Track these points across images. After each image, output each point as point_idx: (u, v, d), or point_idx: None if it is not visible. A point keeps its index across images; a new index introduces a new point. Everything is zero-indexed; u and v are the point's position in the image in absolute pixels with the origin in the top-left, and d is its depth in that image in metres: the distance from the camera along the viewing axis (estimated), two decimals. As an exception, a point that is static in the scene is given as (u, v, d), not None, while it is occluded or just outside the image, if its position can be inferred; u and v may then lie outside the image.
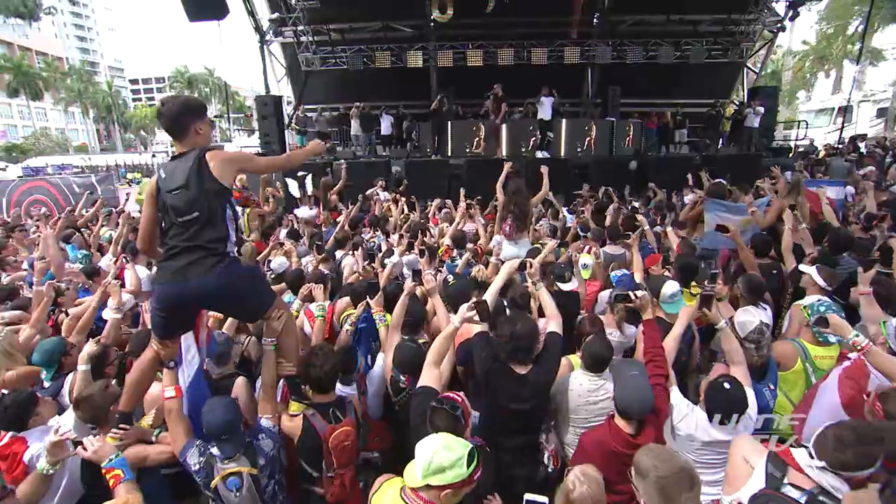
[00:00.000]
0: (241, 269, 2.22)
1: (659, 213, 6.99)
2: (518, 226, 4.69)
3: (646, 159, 11.45)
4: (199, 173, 2.03)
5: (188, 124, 2.12)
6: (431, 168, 10.57)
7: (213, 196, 2.06)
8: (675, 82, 15.48)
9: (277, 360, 2.35)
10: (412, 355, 2.45)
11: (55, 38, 66.27)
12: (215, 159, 2.08)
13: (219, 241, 2.07)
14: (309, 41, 14.26)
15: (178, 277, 2.02)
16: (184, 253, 2.03)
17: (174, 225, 2.08)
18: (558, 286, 3.78)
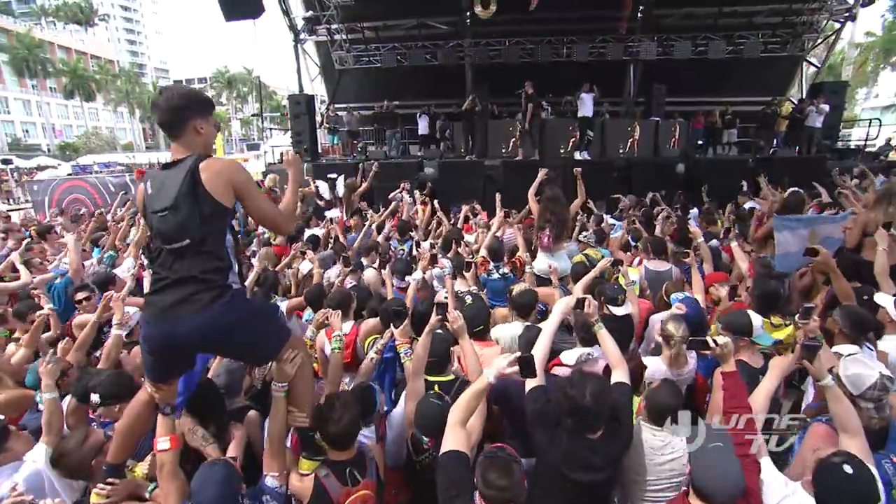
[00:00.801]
0: (245, 304, 1.87)
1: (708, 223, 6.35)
2: (557, 236, 4.25)
3: (694, 162, 10.69)
4: (192, 191, 1.68)
5: (188, 120, 1.80)
6: (465, 169, 10.18)
7: (209, 218, 1.72)
8: (724, 79, 14.50)
9: (288, 408, 2.01)
10: (436, 416, 2.04)
11: (108, 42, 69.47)
12: (210, 171, 1.72)
13: (216, 271, 1.74)
14: (342, 39, 14.12)
15: (166, 317, 1.69)
16: (174, 287, 1.70)
17: (162, 251, 1.75)
18: (610, 310, 3.33)
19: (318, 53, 15.78)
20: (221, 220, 1.78)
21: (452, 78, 14.22)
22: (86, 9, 59.28)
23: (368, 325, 3.21)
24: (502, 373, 1.84)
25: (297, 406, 2.02)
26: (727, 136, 13.28)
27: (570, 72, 13.74)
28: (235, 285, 1.83)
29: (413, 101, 14.25)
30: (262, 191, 6.78)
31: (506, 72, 13.71)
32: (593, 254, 4.65)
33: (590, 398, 1.81)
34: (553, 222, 4.23)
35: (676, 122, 11.90)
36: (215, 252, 1.75)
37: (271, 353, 1.97)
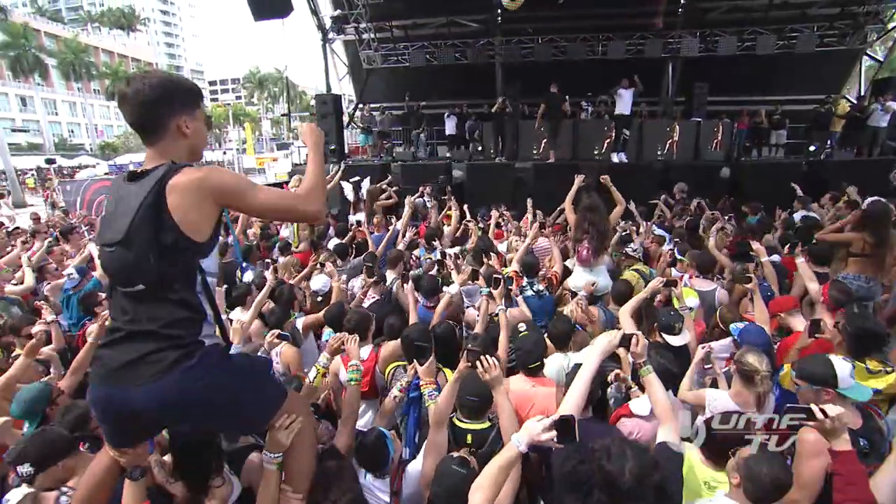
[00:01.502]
0: (220, 365, 1.44)
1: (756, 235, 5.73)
2: (596, 249, 3.82)
3: (739, 165, 9.97)
4: (153, 218, 1.28)
5: (168, 117, 1.40)
6: (495, 172, 9.78)
7: (174, 256, 1.32)
8: (772, 76, 13.61)
9: (281, 485, 1.64)
10: (456, 488, 1.66)
11: (147, 45, 72.04)
12: (179, 190, 1.30)
13: (183, 324, 1.36)
14: (371, 38, 13.92)
15: (116, 380, 1.33)
16: (128, 341, 1.34)
17: (114, 291, 1.40)
18: (664, 339, 2.90)
19: (346, 53, 15.67)
20: (191, 257, 1.38)
21: (482, 77, 13.84)
22: (128, 14, 61.72)
23: (388, 350, 2.89)
24: (536, 440, 1.48)
25: (292, 483, 1.65)
26: (775, 138, 12.42)
27: (605, 70, 13.14)
28: (210, 341, 1.44)
29: (442, 101, 13.94)
30: None
31: (537, 71, 13.23)
32: (643, 269, 4.19)
33: (630, 477, 1.40)
34: (592, 234, 3.81)
35: (720, 123, 11.17)
36: (182, 299, 1.37)
37: (260, 422, 1.60)
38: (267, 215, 1.58)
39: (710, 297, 3.84)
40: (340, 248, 5.06)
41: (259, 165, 35.00)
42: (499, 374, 1.95)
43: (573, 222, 4.19)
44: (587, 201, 4.07)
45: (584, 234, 3.89)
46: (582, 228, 3.94)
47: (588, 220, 3.92)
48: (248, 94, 68.15)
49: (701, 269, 3.96)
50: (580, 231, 3.94)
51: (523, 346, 2.47)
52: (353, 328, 2.83)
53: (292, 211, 1.52)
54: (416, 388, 2.30)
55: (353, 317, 2.86)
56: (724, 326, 3.09)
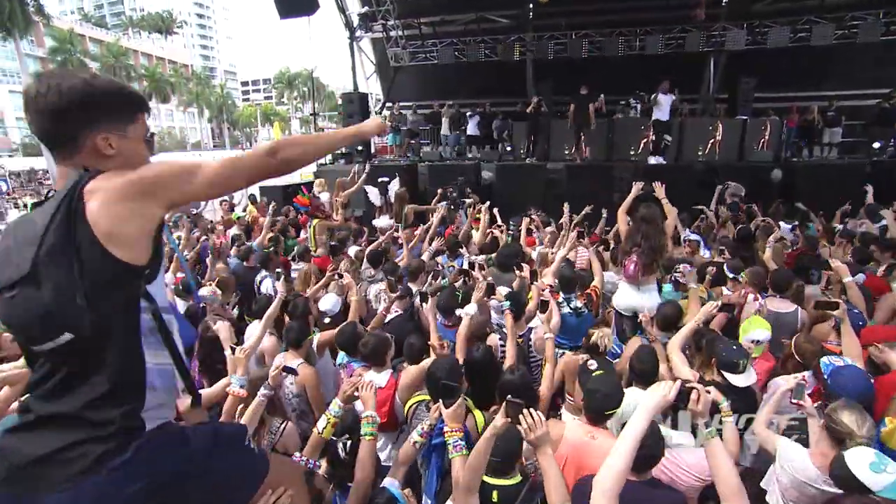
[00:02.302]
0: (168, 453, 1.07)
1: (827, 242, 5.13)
2: (647, 265, 3.38)
3: (790, 166, 9.21)
4: (65, 238, 0.94)
5: (77, 130, 1.05)
6: (525, 173, 9.36)
7: (101, 288, 0.97)
8: (826, 69, 12.65)
9: None
10: None
11: (183, 48, 74.26)
12: (99, 198, 0.97)
13: (113, 398, 0.99)
14: (398, 36, 13.67)
15: (23, 483, 0.96)
16: (39, 428, 0.99)
17: (25, 353, 1.08)
18: (725, 377, 2.44)
19: (373, 51, 15.48)
20: (130, 289, 1.03)
21: (512, 74, 13.40)
22: (166, 19, 63.76)
23: (409, 377, 2.55)
24: None
25: None
26: (828, 136, 11.49)
27: (642, 66, 12.53)
28: (156, 417, 1.08)
29: (470, 100, 13.55)
30: (305, 196, 6.35)
31: (570, 67, 12.70)
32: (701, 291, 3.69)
33: None
34: (644, 248, 3.37)
35: (767, 121, 10.41)
36: (117, 358, 1.00)
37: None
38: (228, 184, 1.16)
39: (791, 321, 3.33)
40: (374, 256, 4.73)
41: (288, 164, 35.58)
42: (545, 433, 1.59)
43: (624, 233, 3.77)
44: (644, 212, 3.64)
45: (634, 246, 3.46)
46: (633, 241, 3.51)
47: (642, 232, 3.49)
48: (278, 94, 69.41)
49: (776, 287, 3.46)
50: (631, 243, 3.51)
51: (602, 389, 2.05)
52: (369, 354, 2.51)
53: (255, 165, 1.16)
54: (440, 433, 1.95)
55: (370, 341, 2.54)
56: (802, 359, 2.63)
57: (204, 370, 3.14)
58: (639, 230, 3.46)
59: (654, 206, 3.66)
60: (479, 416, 2.18)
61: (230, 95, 66.71)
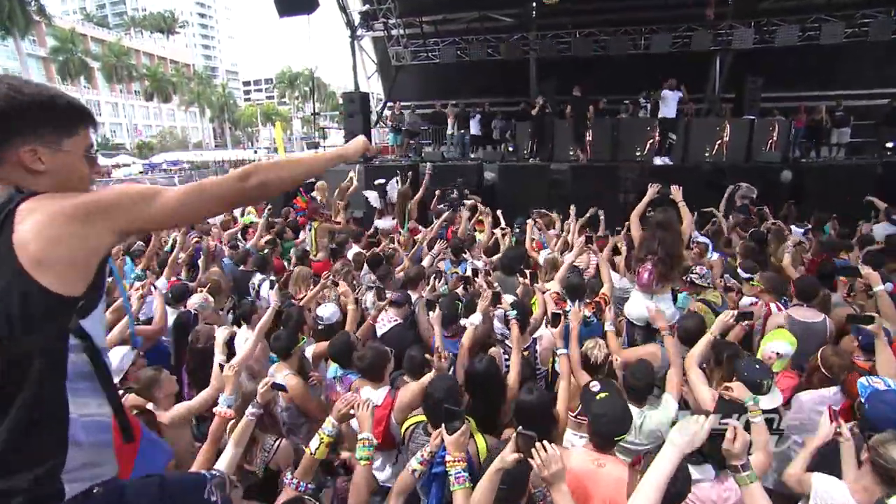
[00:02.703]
0: None
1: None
2: (662, 273, 3.19)
3: (799, 167, 9.01)
4: None
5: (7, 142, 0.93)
6: (529, 174, 9.19)
7: (24, 322, 0.84)
8: (833, 68, 12.45)
9: None
10: None
11: (185, 47, 74.23)
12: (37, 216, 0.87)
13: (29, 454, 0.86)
14: (400, 35, 13.51)
15: None
16: None
17: None
18: None
19: (374, 50, 15.33)
20: (56, 324, 0.89)
21: (515, 74, 13.25)
22: (168, 18, 63.75)
23: (408, 395, 2.37)
24: None
25: None
26: (836, 137, 11.30)
27: (647, 65, 12.36)
28: (91, 481, 0.94)
29: (473, 99, 13.38)
30: (303, 199, 6.19)
31: (575, 66, 12.52)
32: (713, 298, 3.52)
33: None
34: (660, 256, 3.17)
35: (775, 121, 10.21)
36: (27, 410, 0.85)
37: None
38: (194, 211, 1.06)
39: (820, 331, 3.12)
40: (374, 260, 4.56)
41: (289, 164, 35.39)
42: (560, 469, 1.42)
43: (638, 239, 3.57)
44: (660, 216, 3.43)
45: (649, 254, 3.27)
46: (648, 247, 3.30)
47: (658, 238, 3.28)
48: (280, 94, 69.33)
49: (802, 295, 3.24)
50: (645, 250, 3.31)
51: (609, 413, 1.88)
52: (366, 369, 2.34)
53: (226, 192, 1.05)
54: (441, 461, 1.79)
55: (367, 355, 2.37)
56: (829, 373, 2.45)
57: (193, 382, 2.98)
58: (654, 236, 3.27)
59: (671, 211, 3.46)
60: (481, 442, 2.00)
61: (232, 95, 66.57)
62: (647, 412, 2.26)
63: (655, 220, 3.37)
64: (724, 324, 2.53)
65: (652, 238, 3.28)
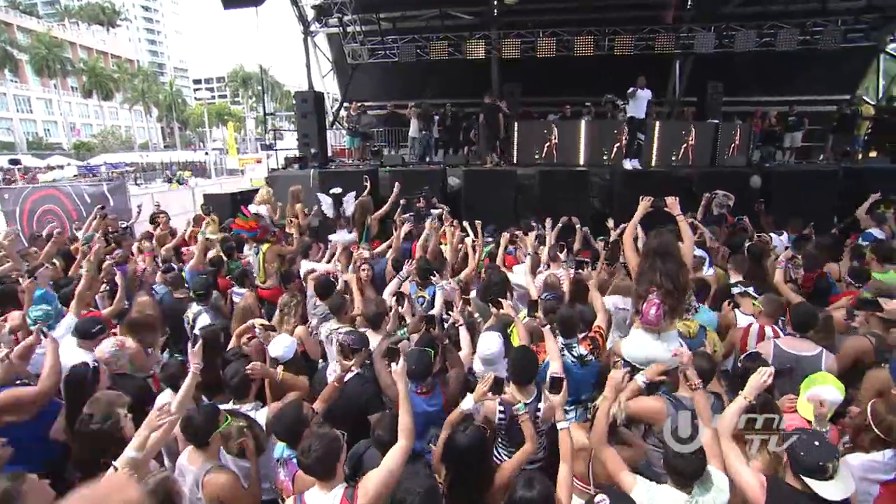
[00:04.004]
0: None
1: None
2: (671, 308, 2.74)
3: (766, 172, 8.93)
4: None
5: None
6: (495, 179, 8.70)
7: None
8: (786, 75, 12.74)
9: None
10: None
11: (129, 42, 69.76)
12: None
13: None
14: (356, 31, 12.77)
15: None
16: None
17: None
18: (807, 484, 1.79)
19: (329, 47, 14.52)
20: None
21: (479, 74, 12.80)
22: (108, 10, 59.65)
23: (370, 495, 1.78)
24: None
25: None
26: (789, 141, 11.53)
27: (610, 67, 12.19)
28: None
29: (434, 100, 12.83)
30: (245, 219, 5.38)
31: (539, 67, 12.23)
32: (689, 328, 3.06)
33: None
34: (666, 289, 2.71)
35: (737, 126, 10.25)
36: None
37: None
38: None
39: (811, 366, 2.73)
40: (324, 287, 3.88)
41: (241, 166, 33.59)
42: None
43: (635, 267, 3.06)
44: (656, 242, 2.89)
45: (653, 286, 2.76)
46: (650, 279, 2.80)
47: (660, 269, 2.77)
48: (232, 93, 66.23)
49: (799, 326, 2.85)
50: (646, 282, 2.80)
51: None
52: (311, 466, 1.74)
53: None
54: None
55: (314, 447, 1.74)
56: (887, 434, 2.02)
57: (84, 478, 2.16)
58: (654, 267, 2.79)
59: (667, 233, 2.99)
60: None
61: (180, 93, 63.03)
62: (698, 498, 1.76)
63: (652, 248, 2.87)
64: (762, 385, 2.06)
65: (652, 269, 2.79)
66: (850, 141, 10.94)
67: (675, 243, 2.91)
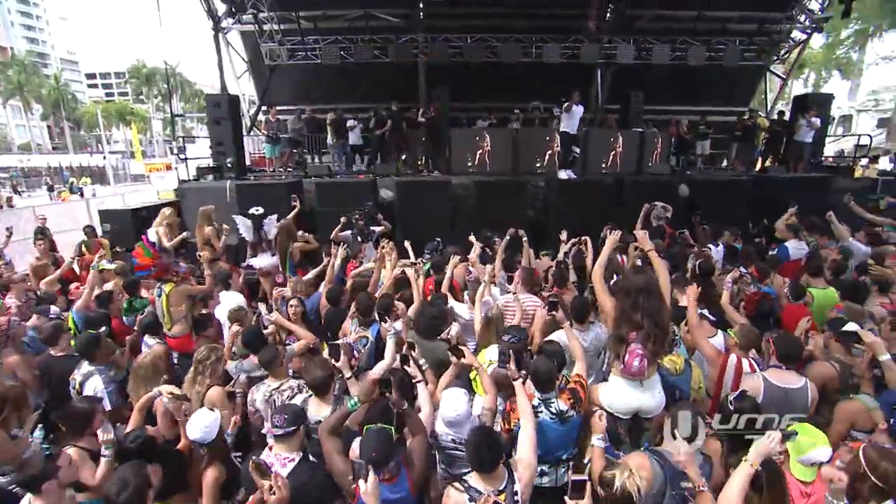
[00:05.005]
0: None
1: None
2: (653, 353, 2.50)
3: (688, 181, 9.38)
4: None
5: None
6: (430, 190, 8.32)
7: None
8: (690, 87, 13.70)
9: None
10: None
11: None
12: None
13: None
14: (273, 30, 11.81)
15: None
16: None
17: None
18: None
19: (244, 46, 13.34)
20: None
21: (406, 78, 12.39)
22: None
23: None
24: None
25: None
26: (700, 149, 12.38)
27: (536, 74, 12.40)
28: None
29: (359, 104, 12.21)
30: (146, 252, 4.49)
31: (468, 72, 12.06)
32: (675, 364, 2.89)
33: None
34: (649, 332, 2.47)
35: (659, 134, 10.74)
36: None
37: None
38: None
39: (800, 400, 2.65)
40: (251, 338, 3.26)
41: (148, 172, 30.37)
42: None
43: (610, 309, 2.76)
44: (642, 279, 2.63)
45: (634, 328, 2.51)
46: (631, 320, 2.54)
47: (644, 309, 2.50)
48: (135, 90, 59.85)
49: (786, 358, 2.73)
50: (626, 324, 2.54)
51: None
52: None
53: None
54: None
55: None
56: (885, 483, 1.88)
57: None
58: (637, 306, 2.52)
59: (648, 269, 2.76)
60: None
61: (69, 88, 55.98)
62: None
63: (634, 286, 2.58)
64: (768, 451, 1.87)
65: (634, 308, 2.52)
66: (752, 150, 11.96)
67: (656, 281, 2.68)
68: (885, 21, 19.06)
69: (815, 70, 29.89)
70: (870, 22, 20.45)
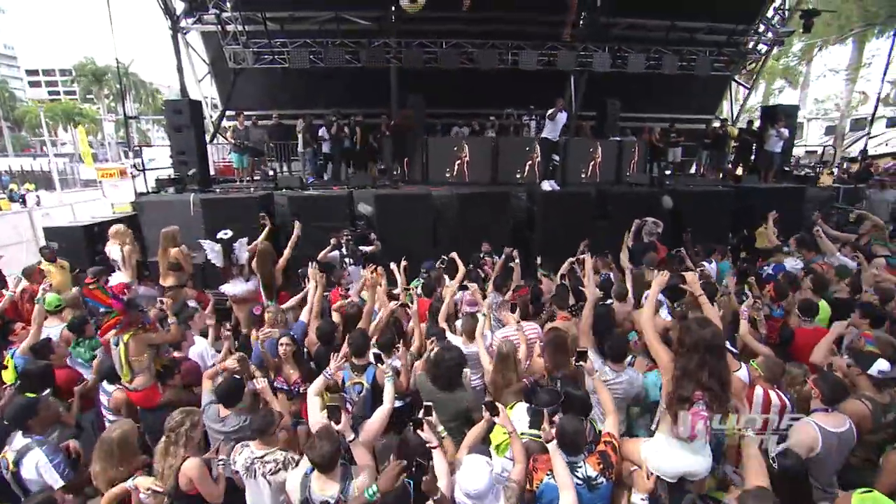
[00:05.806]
0: None
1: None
2: (715, 410, 2.23)
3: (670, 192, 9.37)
4: None
5: None
6: (409, 204, 7.96)
7: None
8: (670, 95, 13.93)
9: None
10: None
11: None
12: None
13: None
14: (238, 31, 11.16)
15: None
16: None
17: None
18: None
19: (206, 47, 12.58)
20: None
21: (380, 84, 12.00)
22: None
23: None
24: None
25: None
26: (672, 156, 12.55)
27: (510, 81, 12.25)
28: None
29: (328, 110, 11.71)
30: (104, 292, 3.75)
31: (441, 78, 11.76)
32: None
33: None
34: (714, 392, 2.16)
35: (637, 143, 10.75)
36: None
37: None
38: None
39: (849, 443, 2.55)
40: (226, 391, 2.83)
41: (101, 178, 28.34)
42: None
43: (665, 361, 2.40)
44: (709, 332, 2.24)
45: (700, 389, 2.18)
46: (695, 379, 2.19)
47: (710, 367, 2.18)
48: (83, 89, 56.09)
49: (832, 400, 2.59)
50: (691, 383, 2.20)
51: None
52: None
53: None
54: None
55: None
56: None
57: None
58: (703, 365, 2.18)
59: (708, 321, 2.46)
60: None
61: (7, 85, 52.13)
62: None
63: (702, 341, 2.21)
64: None
65: (700, 366, 2.18)
66: (723, 158, 12.20)
67: (722, 335, 2.39)
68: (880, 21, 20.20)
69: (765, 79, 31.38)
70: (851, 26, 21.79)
